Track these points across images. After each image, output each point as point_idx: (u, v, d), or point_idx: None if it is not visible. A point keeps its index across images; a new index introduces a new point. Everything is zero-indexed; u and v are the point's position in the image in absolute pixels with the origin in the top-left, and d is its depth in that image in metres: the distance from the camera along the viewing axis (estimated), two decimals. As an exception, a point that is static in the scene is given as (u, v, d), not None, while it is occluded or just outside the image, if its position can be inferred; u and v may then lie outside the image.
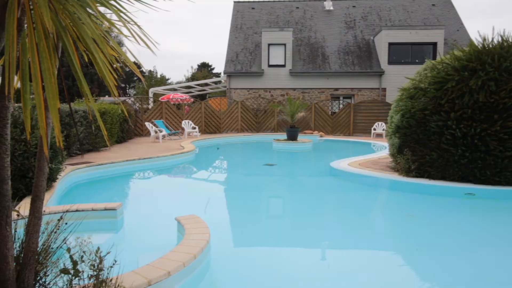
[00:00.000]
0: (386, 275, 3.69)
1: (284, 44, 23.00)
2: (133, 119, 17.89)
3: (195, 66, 54.57)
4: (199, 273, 3.42)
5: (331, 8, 27.23)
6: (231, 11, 27.80)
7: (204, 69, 51.98)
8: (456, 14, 26.39)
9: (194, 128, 18.89)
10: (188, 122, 18.91)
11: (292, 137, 15.34)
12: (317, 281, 3.53)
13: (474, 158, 6.68)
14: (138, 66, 32.71)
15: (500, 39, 7.03)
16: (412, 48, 22.77)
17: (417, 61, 22.13)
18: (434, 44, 22.43)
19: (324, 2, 27.58)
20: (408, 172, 7.54)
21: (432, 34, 22.35)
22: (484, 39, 7.12)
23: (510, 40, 6.94)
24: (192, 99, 25.41)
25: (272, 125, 21.11)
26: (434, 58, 21.00)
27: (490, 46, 7.00)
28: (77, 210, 4.70)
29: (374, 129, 19.22)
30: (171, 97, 23.92)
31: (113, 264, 2.58)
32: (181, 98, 24.25)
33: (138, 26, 1.97)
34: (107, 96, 26.23)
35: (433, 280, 3.62)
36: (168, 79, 51.85)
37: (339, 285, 3.48)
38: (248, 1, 28.09)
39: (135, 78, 48.73)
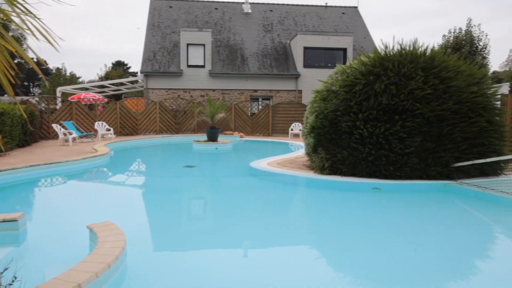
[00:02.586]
0: (305, 269, 3.85)
1: (204, 45, 22.86)
2: (38, 121, 16.34)
3: (110, 65, 51.74)
4: (115, 282, 3.23)
5: (249, 11, 27.74)
6: (147, 8, 26.78)
7: (120, 67, 49.47)
8: (363, 23, 28.62)
9: (109, 129, 17.86)
10: (102, 123, 17.82)
11: (212, 138, 15.30)
12: (240, 281, 3.56)
13: (379, 156, 7.28)
14: (40, 63, 30.02)
15: (399, 47, 7.78)
16: (325, 52, 24.16)
17: (329, 65, 23.53)
18: (344, 50, 24.07)
19: (243, 5, 28.00)
20: (322, 170, 7.97)
21: (343, 40, 23.96)
22: (386, 47, 7.82)
23: (407, 48, 7.72)
24: (106, 99, 24.03)
25: (192, 126, 20.84)
26: (344, 62, 22.54)
27: (391, 53, 7.71)
28: (-32, 224, 4.14)
29: (292, 130, 19.99)
30: (82, 96, 22.36)
31: (13, 281, 2.32)
32: (93, 98, 22.78)
33: (37, 18, 1.78)
34: (6, 96, 23.59)
35: (347, 270, 3.86)
36: (79, 78, 48.33)
37: (261, 283, 3.54)
38: (166, -1, 27.40)
39: (40, 76, 44.58)
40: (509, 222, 5.91)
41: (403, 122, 7.14)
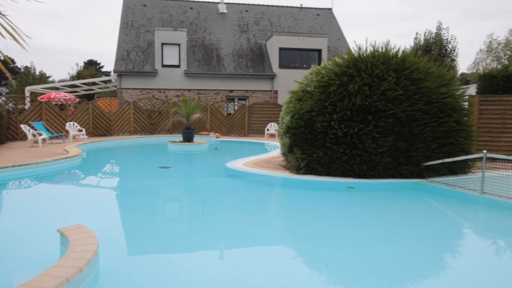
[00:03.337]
0: (281, 268, 3.86)
1: (179, 44, 22.64)
2: (5, 121, 15.74)
3: (81, 64, 50.40)
4: (87, 287, 3.15)
5: (225, 11, 27.66)
6: (120, 6, 26.27)
7: (92, 67, 48.34)
8: (337, 25, 29.06)
9: (81, 130, 17.40)
10: (74, 124, 17.34)
11: (188, 138, 15.15)
12: (217, 282, 3.54)
13: (353, 155, 7.41)
14: (6, 62, 28.96)
15: (372, 49, 7.94)
16: (300, 53, 24.39)
17: (305, 66, 23.77)
18: (319, 51, 24.36)
19: (218, 5, 27.89)
20: (298, 170, 8.03)
21: (317, 42, 24.25)
22: (360, 49, 7.97)
23: (380, 50, 7.89)
24: (77, 99, 23.41)
25: (167, 126, 20.58)
26: (319, 63, 22.78)
27: (365, 55, 7.86)
28: None
29: (268, 130, 20.07)
30: (52, 96, 21.67)
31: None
32: (64, 98, 22.14)
33: (2, 15, 1.71)
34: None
35: (323, 268, 3.91)
36: (49, 77, 46.89)
37: (238, 283, 3.53)
38: (140, -2, 26.95)
39: (7, 75, 42.94)
40: (476, 218, 6.14)
41: (376, 122, 7.29)
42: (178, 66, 22.83)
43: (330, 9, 30.41)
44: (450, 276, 3.77)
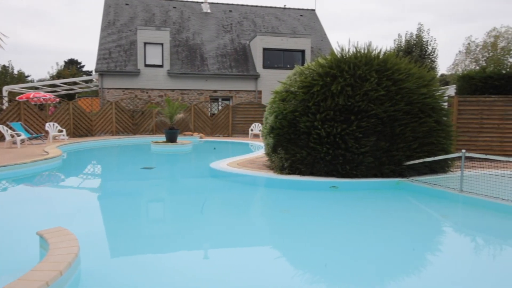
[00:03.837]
0: (266, 268, 3.87)
1: (162, 44, 22.43)
2: (-18, 121, 15.30)
3: (62, 63, 49.40)
4: (67, 291, 3.09)
5: (209, 10, 27.55)
6: (102, 5, 25.88)
7: (73, 66, 47.41)
8: (320, 25, 29.28)
9: (61, 131, 17.06)
10: (54, 124, 16.98)
11: (171, 138, 15.03)
12: (201, 284, 3.52)
13: (336, 155, 7.48)
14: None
15: (354, 50, 8.03)
16: (284, 54, 24.48)
17: (288, 66, 23.87)
18: (303, 52, 24.51)
19: (202, 5, 27.76)
20: (282, 170, 8.06)
21: (301, 42, 24.39)
22: (342, 49, 8.05)
23: (362, 51, 7.99)
24: (58, 99, 22.96)
25: (150, 127, 20.37)
26: (303, 64, 22.93)
27: (347, 55, 7.95)
28: None
29: (252, 130, 20.07)
30: (31, 96, 21.19)
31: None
32: (44, 97, 21.67)
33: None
34: None
35: (307, 267, 3.93)
36: (27, 76, 45.79)
37: (222, 284, 3.52)
38: (122, -4, 26.60)
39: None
40: (455, 216, 6.28)
41: (359, 122, 7.38)
42: (161, 66, 22.62)
43: (313, 10, 30.63)
44: (430, 271, 3.84)
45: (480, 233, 5.30)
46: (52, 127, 16.67)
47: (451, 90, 16.81)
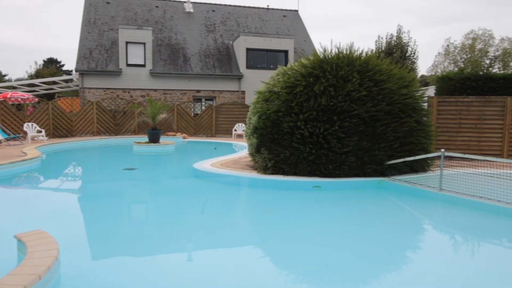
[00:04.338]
0: (250, 268, 3.87)
1: (144, 43, 22.18)
2: (-44, 122, 14.83)
3: (41, 62, 48.26)
4: (47, 295, 3.02)
5: (191, 10, 27.38)
6: (82, 3, 25.42)
7: (52, 65, 46.37)
8: (303, 26, 29.46)
9: (40, 131, 16.68)
10: (32, 125, 16.59)
11: (154, 139, 14.87)
12: (184, 283, 3.49)
13: (319, 155, 7.54)
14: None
15: (337, 50, 8.11)
16: (267, 54, 24.53)
17: (271, 66, 23.92)
18: (286, 52, 24.60)
19: (185, 4, 27.57)
20: (265, 170, 8.08)
21: (284, 43, 24.48)
22: (325, 50, 8.12)
23: (345, 52, 8.07)
24: (36, 99, 22.43)
25: (133, 127, 20.12)
26: (286, 64, 23.03)
27: (330, 56, 8.02)
28: None
29: (235, 130, 20.04)
30: (8, 96, 20.63)
31: None
32: (22, 97, 21.14)
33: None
34: None
35: (291, 267, 3.95)
36: (5, 76, 44.63)
37: (207, 284, 3.50)
38: (102, -5, 26.17)
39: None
40: (435, 214, 6.41)
41: (341, 123, 7.46)
42: (143, 66, 22.36)
43: (296, 11, 30.80)
44: (410, 268, 3.91)
45: (458, 231, 5.42)
46: (30, 128, 16.28)
47: (430, 91, 17.17)
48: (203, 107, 22.24)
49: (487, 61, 33.21)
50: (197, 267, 3.95)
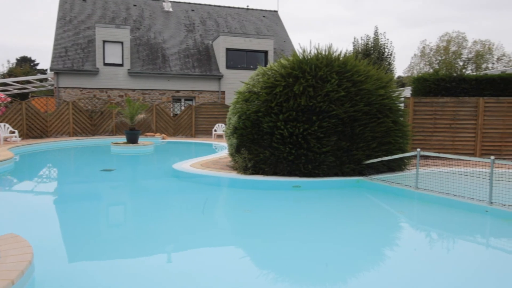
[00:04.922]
0: (230, 268, 3.86)
1: (122, 42, 21.82)
2: None
3: (13, 60, 46.83)
4: (20, 301, 2.93)
5: (170, 9, 27.11)
6: (57, 1, 24.79)
7: (25, 64, 45.06)
8: (283, 27, 29.61)
9: (13, 132, 16.19)
10: (5, 125, 16.08)
11: (132, 139, 14.66)
12: (164, 285, 3.45)
13: (299, 155, 7.59)
14: None
15: (316, 51, 8.18)
16: (247, 54, 24.53)
17: (251, 66, 23.95)
18: (266, 52, 24.67)
19: (163, 3, 27.27)
20: (245, 170, 8.07)
21: (264, 43, 24.54)
22: (304, 51, 8.18)
23: (323, 53, 8.15)
24: (9, 99, 21.70)
25: (110, 127, 19.76)
26: (266, 64, 23.10)
27: (309, 57, 8.08)
28: None
29: (215, 130, 19.97)
30: (-20, 95, 19.91)
31: None
32: (-6, 97, 20.42)
33: None
34: None
35: (271, 266, 3.96)
36: (-25, 74, 43.04)
37: (187, 284, 3.47)
38: (78, -8, 25.60)
39: None
40: (411, 212, 6.56)
41: (320, 123, 7.53)
42: (121, 65, 22.00)
43: (276, 11, 30.92)
44: (387, 265, 3.99)
45: (434, 228, 5.56)
46: (3, 128, 15.78)
47: (407, 92, 17.55)
48: (183, 107, 22.06)
49: (461, 63, 34.19)
50: (176, 268, 3.92)
